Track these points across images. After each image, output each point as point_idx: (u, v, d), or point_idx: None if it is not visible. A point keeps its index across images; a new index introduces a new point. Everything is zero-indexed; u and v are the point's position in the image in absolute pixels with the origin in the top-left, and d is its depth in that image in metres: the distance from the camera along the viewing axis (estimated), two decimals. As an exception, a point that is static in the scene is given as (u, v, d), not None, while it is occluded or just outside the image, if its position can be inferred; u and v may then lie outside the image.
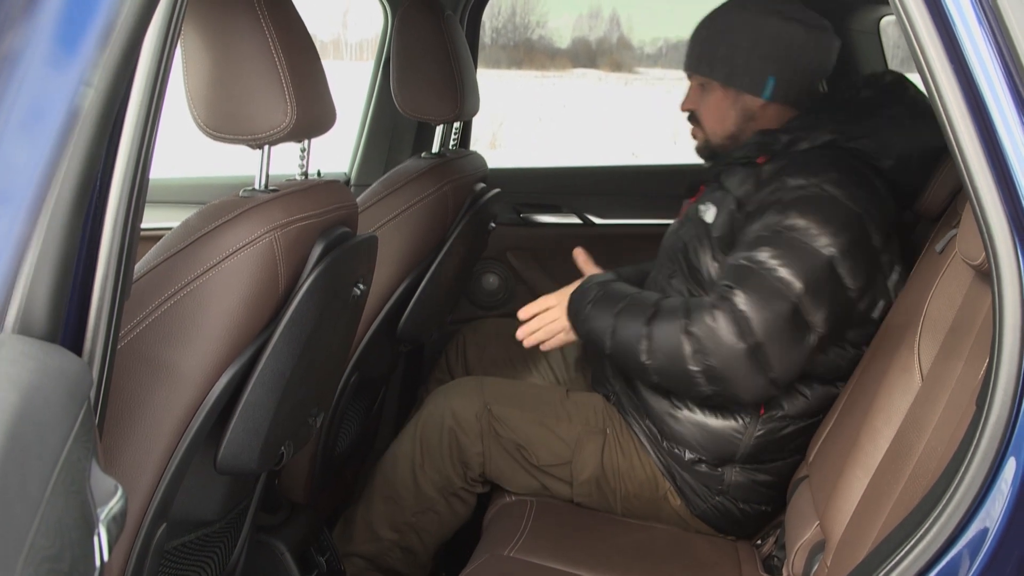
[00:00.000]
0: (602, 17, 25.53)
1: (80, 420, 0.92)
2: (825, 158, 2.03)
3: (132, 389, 1.41)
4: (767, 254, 1.91)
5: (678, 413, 2.11)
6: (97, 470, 0.92)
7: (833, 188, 1.96)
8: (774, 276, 1.89)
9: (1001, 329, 1.17)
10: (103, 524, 0.86)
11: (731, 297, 1.89)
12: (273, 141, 1.54)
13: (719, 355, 1.89)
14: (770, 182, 2.02)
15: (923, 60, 1.19)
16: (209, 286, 1.45)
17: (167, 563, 1.62)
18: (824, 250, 1.91)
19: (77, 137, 1.06)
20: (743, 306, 1.88)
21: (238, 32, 1.49)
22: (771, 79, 2.16)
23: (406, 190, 2.24)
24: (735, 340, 1.87)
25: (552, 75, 22.40)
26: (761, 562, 2.08)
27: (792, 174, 2.00)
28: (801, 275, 1.89)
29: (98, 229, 1.18)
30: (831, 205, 1.95)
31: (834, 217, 1.93)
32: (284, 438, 1.65)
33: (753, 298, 1.88)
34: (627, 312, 2.02)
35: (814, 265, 1.90)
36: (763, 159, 2.09)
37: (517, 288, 3.13)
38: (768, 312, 1.88)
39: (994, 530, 1.18)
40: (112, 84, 1.07)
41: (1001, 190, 1.16)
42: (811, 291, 1.89)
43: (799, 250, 1.91)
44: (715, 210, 2.11)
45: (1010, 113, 1.16)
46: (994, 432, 1.17)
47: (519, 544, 2.00)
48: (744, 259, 1.94)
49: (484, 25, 3.00)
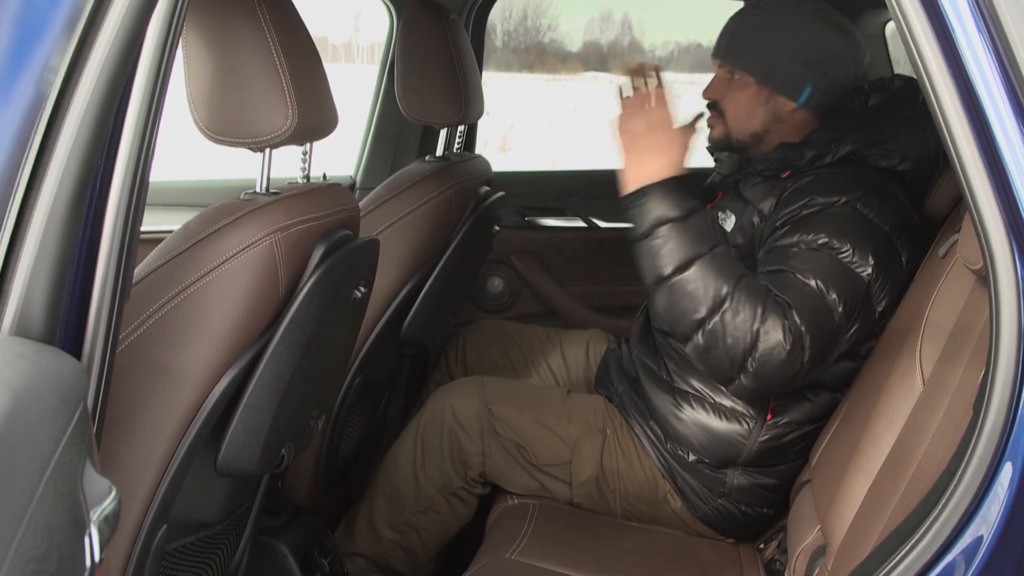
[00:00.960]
0: (613, 20, 25.51)
1: (74, 422, 0.93)
2: (850, 175, 2.00)
3: (132, 391, 1.42)
4: (813, 273, 1.87)
5: (682, 414, 2.11)
6: (91, 471, 0.93)
7: (863, 207, 1.94)
8: (823, 297, 1.86)
9: (997, 334, 1.17)
10: (95, 525, 0.87)
11: (795, 318, 1.82)
12: (274, 144, 1.54)
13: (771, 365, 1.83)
14: (796, 198, 1.98)
15: (921, 66, 1.19)
16: (209, 289, 1.45)
17: (168, 564, 1.63)
18: (863, 273, 1.89)
19: (72, 138, 1.06)
20: (804, 328, 1.82)
21: (240, 35, 1.49)
22: (809, 86, 2.11)
23: (410, 193, 2.25)
24: (794, 363, 1.83)
25: (563, 78, 22.40)
26: (763, 566, 2.08)
27: (821, 192, 1.96)
28: (843, 297, 1.87)
29: (98, 231, 1.18)
30: (865, 226, 1.93)
31: (869, 239, 1.91)
32: (285, 440, 1.65)
33: (810, 321, 1.83)
34: (720, 257, 1.85)
35: (855, 288, 1.89)
36: (786, 174, 2.07)
37: (522, 291, 3.13)
38: (820, 335, 1.84)
39: (991, 534, 1.17)
40: (108, 85, 1.07)
41: (999, 196, 1.16)
42: (848, 312, 1.88)
43: (841, 272, 1.88)
44: (734, 219, 2.10)
45: (1008, 119, 1.16)
46: (990, 437, 1.17)
47: (521, 547, 2.00)
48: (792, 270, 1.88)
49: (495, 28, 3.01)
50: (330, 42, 23.66)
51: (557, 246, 3.13)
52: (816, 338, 1.83)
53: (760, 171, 2.11)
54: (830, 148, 2.04)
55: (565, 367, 2.64)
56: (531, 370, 2.65)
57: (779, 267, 1.91)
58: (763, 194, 2.07)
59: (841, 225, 1.91)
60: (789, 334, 1.80)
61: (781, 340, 1.80)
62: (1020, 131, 1.15)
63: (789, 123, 2.15)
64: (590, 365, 2.61)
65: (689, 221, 1.85)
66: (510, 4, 21.35)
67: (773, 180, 2.08)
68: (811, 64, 2.09)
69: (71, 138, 1.08)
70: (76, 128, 1.08)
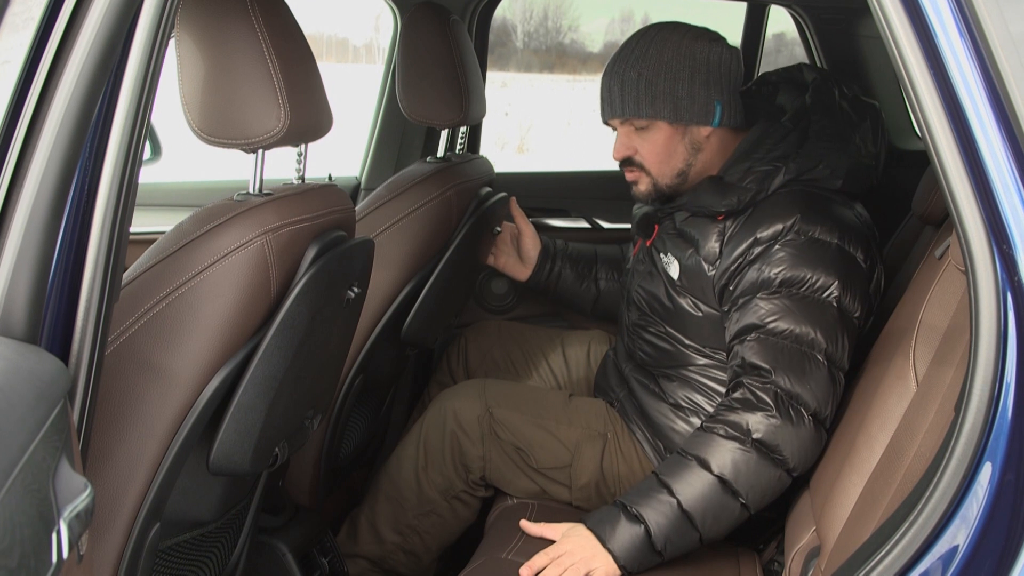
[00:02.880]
0: (634, 21, 25.45)
1: (51, 420, 0.94)
2: (784, 200, 1.99)
3: (124, 390, 1.44)
4: (778, 319, 1.89)
5: (678, 427, 2.12)
6: (67, 468, 0.94)
7: (806, 227, 1.94)
8: (800, 342, 1.88)
9: (977, 335, 1.17)
10: (64, 521, 0.88)
11: (775, 382, 1.85)
12: (267, 145, 1.56)
13: (787, 439, 1.84)
14: (740, 239, 1.98)
15: (903, 69, 1.19)
16: (200, 289, 1.47)
17: (163, 562, 1.64)
18: (830, 299, 1.90)
19: (52, 138, 1.08)
20: (787, 385, 1.85)
21: (232, 37, 1.51)
22: (717, 104, 2.08)
23: (410, 194, 2.26)
24: (797, 421, 1.85)
25: (584, 79, 22.38)
26: (761, 567, 2.08)
27: (762, 225, 1.96)
28: (821, 331, 1.88)
29: (85, 232, 1.20)
30: (814, 248, 1.93)
31: (821, 259, 1.91)
32: (278, 440, 1.67)
33: (793, 375, 1.86)
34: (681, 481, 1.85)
35: (826, 316, 1.90)
36: (721, 216, 2.05)
37: (525, 292, 3.14)
38: (812, 382, 1.86)
39: (970, 534, 1.17)
40: (88, 88, 1.09)
41: (979, 197, 1.16)
42: (831, 341, 1.89)
43: (809, 306, 1.90)
44: (677, 265, 2.10)
45: (988, 121, 1.16)
46: (969, 437, 1.17)
47: (517, 547, 2.00)
48: (761, 332, 1.91)
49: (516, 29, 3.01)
50: (351, 43, 23.75)
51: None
52: (808, 386, 1.86)
53: (694, 211, 2.09)
54: (764, 185, 2.01)
55: (566, 368, 2.64)
56: (532, 371, 2.65)
57: (747, 325, 1.93)
58: (703, 234, 2.06)
59: (792, 257, 1.92)
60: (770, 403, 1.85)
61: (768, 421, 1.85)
62: (1000, 134, 1.15)
63: (709, 148, 2.13)
64: (591, 366, 2.61)
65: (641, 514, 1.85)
66: (531, 5, 21.38)
67: (709, 221, 2.06)
68: (710, 83, 2.07)
69: (51, 138, 1.10)
70: (56, 129, 1.10)
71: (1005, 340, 1.16)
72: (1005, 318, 1.16)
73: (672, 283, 2.10)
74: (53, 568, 0.86)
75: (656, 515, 1.84)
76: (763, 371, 1.88)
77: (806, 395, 1.86)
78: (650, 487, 1.87)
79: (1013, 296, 1.15)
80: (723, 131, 2.12)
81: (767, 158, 2.04)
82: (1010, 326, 1.16)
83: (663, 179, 2.14)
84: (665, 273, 2.12)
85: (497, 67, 20.63)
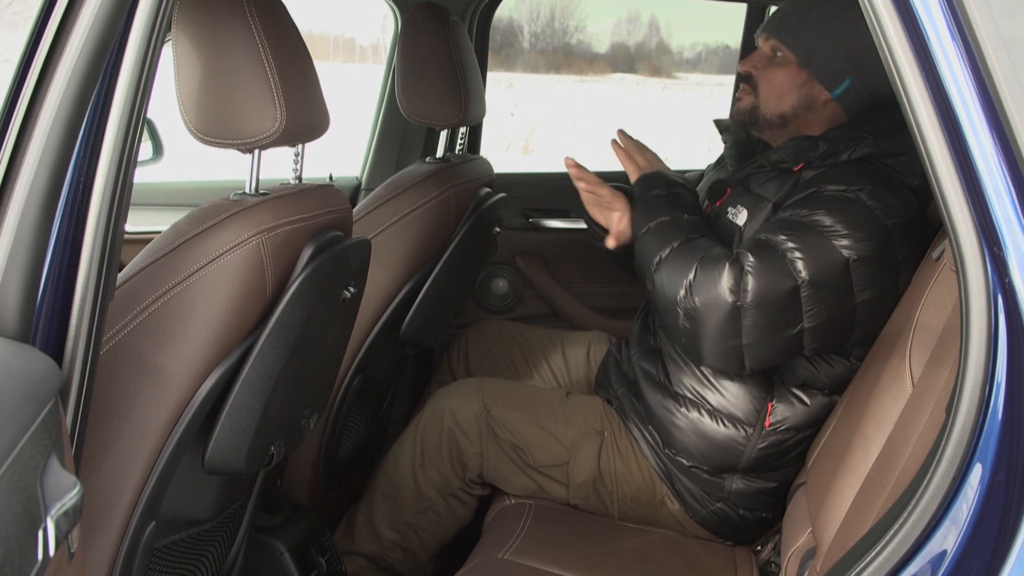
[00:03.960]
0: (641, 22, 25.50)
1: (41, 419, 0.94)
2: (862, 170, 1.99)
3: (120, 389, 1.44)
4: (785, 237, 1.89)
5: (679, 421, 2.11)
6: (56, 467, 0.95)
7: (868, 198, 1.92)
8: (786, 257, 1.86)
9: (967, 336, 1.17)
10: (52, 519, 0.88)
11: (741, 258, 1.88)
12: (263, 145, 1.56)
13: (705, 297, 1.88)
14: (807, 186, 1.98)
15: (894, 67, 1.20)
16: (196, 289, 1.47)
17: (159, 561, 1.65)
18: (843, 251, 1.87)
19: (43, 138, 1.08)
20: (748, 267, 1.86)
21: (228, 38, 1.51)
22: (847, 80, 2.08)
23: (409, 194, 2.26)
24: (726, 292, 1.86)
25: (590, 80, 22.41)
26: (758, 568, 2.08)
27: (831, 181, 1.96)
28: (812, 266, 1.86)
29: (80, 231, 1.21)
30: (863, 212, 1.91)
31: (863, 224, 1.90)
32: (273, 439, 1.67)
33: (759, 266, 1.86)
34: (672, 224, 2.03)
35: (828, 262, 1.87)
36: (799, 167, 2.05)
37: (526, 292, 3.14)
38: (766, 282, 1.85)
39: (960, 536, 1.17)
40: (80, 87, 1.09)
41: (970, 198, 1.16)
42: (815, 285, 1.86)
43: (818, 244, 1.87)
44: (747, 213, 2.08)
45: (979, 122, 1.16)
46: (959, 439, 1.17)
47: (514, 547, 2.01)
48: (764, 235, 1.92)
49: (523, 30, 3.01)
50: (358, 43, 23.78)
51: (561, 247, 3.14)
52: (762, 286, 1.85)
53: (774, 163, 2.08)
54: (847, 146, 2.01)
55: (566, 368, 2.65)
56: (533, 371, 2.65)
57: (763, 232, 1.94)
58: (775, 189, 2.05)
59: (839, 206, 1.91)
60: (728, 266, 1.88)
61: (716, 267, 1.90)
62: (991, 135, 1.15)
63: (818, 113, 2.13)
64: (590, 366, 2.62)
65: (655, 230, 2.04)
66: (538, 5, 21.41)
67: (785, 174, 2.06)
68: (853, 58, 2.06)
69: (43, 137, 1.10)
70: (48, 128, 1.11)
71: (996, 342, 1.16)
72: (996, 320, 1.16)
73: (739, 232, 2.08)
74: (39, 565, 0.86)
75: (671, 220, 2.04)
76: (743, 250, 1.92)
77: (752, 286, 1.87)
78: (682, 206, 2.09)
79: (1004, 298, 1.15)
80: (838, 108, 2.12)
81: (859, 127, 2.05)
82: (1000, 328, 1.16)
83: (765, 109, 2.15)
84: (730, 225, 2.11)
85: (503, 67, 20.66)
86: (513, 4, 18.03)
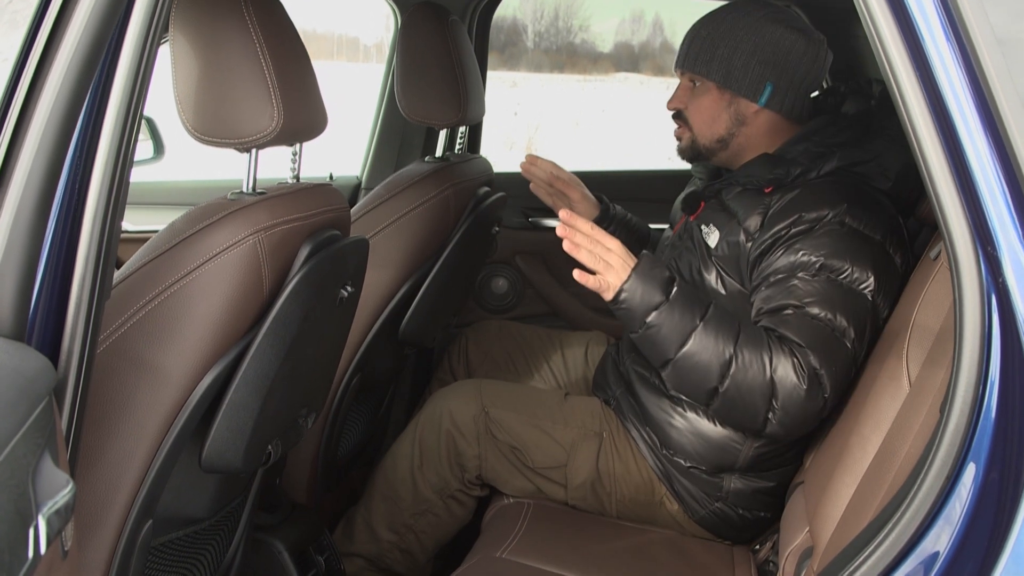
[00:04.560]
0: (645, 21, 25.48)
1: (34, 417, 0.95)
2: (835, 186, 2.01)
3: (116, 388, 1.45)
4: (819, 305, 1.90)
5: (676, 422, 2.11)
6: (49, 465, 0.95)
7: (852, 220, 1.95)
8: (832, 328, 1.89)
9: (961, 335, 1.18)
10: (43, 517, 0.88)
11: (807, 357, 1.86)
12: (260, 145, 1.56)
13: (794, 408, 1.87)
14: (784, 215, 1.99)
15: (888, 68, 1.20)
16: (193, 287, 1.48)
17: (157, 559, 1.65)
18: (866, 290, 1.91)
19: (37, 138, 1.09)
20: (818, 365, 1.86)
21: (226, 37, 1.51)
22: (768, 86, 2.11)
23: (408, 193, 2.26)
24: (815, 399, 1.87)
25: (594, 79, 22.40)
26: (756, 568, 2.08)
27: (808, 206, 1.97)
28: (852, 321, 1.89)
29: (76, 231, 1.21)
30: (857, 240, 1.94)
31: (865, 253, 1.93)
32: (271, 438, 1.67)
33: (823, 356, 1.86)
34: (714, 321, 1.91)
35: (861, 308, 1.91)
36: (769, 188, 2.07)
37: (526, 292, 3.14)
38: (836, 366, 1.87)
39: (954, 535, 1.17)
40: (74, 87, 1.10)
41: (964, 198, 1.17)
42: (859, 332, 1.90)
43: (844, 295, 1.91)
44: (717, 235, 2.10)
45: (973, 122, 1.16)
46: (953, 438, 1.18)
47: (512, 546, 2.01)
48: (795, 308, 1.91)
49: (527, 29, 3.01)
50: (362, 43, 23.78)
51: (561, 247, 3.13)
52: (832, 370, 1.86)
53: (743, 183, 2.11)
54: (815, 164, 2.04)
55: (565, 368, 2.65)
56: (532, 371, 2.66)
57: (782, 303, 1.93)
58: (747, 208, 2.06)
59: (835, 244, 1.93)
60: (803, 373, 1.85)
61: (796, 382, 1.85)
62: (985, 135, 1.16)
63: (753, 125, 2.16)
64: (589, 367, 2.62)
65: (672, 299, 1.91)
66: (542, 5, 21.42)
67: (756, 192, 2.08)
68: (768, 63, 2.10)
69: (37, 137, 1.11)
70: (42, 127, 1.11)
71: (990, 341, 1.16)
72: (990, 319, 1.16)
73: (707, 253, 2.11)
74: (29, 563, 0.87)
75: (675, 315, 1.91)
76: (798, 344, 1.88)
77: (829, 378, 1.87)
78: (695, 303, 1.93)
79: (998, 297, 1.16)
80: (775, 115, 2.16)
81: (824, 143, 2.09)
82: (994, 327, 1.16)
83: (702, 139, 2.19)
84: (703, 244, 2.13)
85: (507, 67, 20.67)
86: (517, 3, 18.04)
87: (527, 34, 22.61)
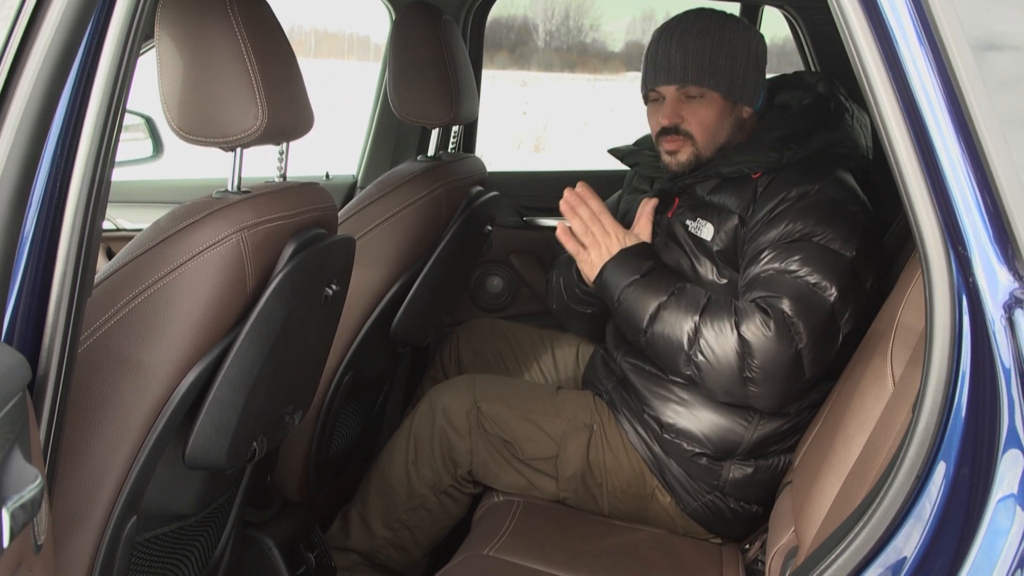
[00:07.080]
0: (655, 20, 25.42)
1: (4, 413, 0.96)
2: (817, 165, 2.10)
3: (100, 384, 1.46)
4: (797, 263, 1.97)
5: (680, 406, 2.13)
6: (18, 459, 0.96)
7: (834, 191, 2.05)
8: (810, 282, 1.95)
9: (931, 335, 1.18)
10: (7, 511, 0.89)
11: (778, 304, 1.93)
12: (244, 144, 1.57)
13: (767, 358, 1.92)
14: (771, 195, 2.07)
15: (861, 68, 1.20)
16: (176, 285, 1.49)
17: (143, 555, 1.66)
18: (845, 252, 1.98)
19: (11, 137, 1.10)
20: (790, 311, 1.92)
21: (211, 36, 1.52)
22: (761, 90, 2.21)
23: (399, 192, 2.27)
24: (786, 346, 1.92)
25: (604, 78, 22.38)
26: (745, 567, 2.08)
27: (793, 183, 2.06)
28: (833, 279, 1.96)
29: (56, 230, 1.22)
30: (839, 208, 2.03)
31: (844, 220, 2.01)
32: (255, 435, 1.68)
33: (797, 305, 1.93)
34: (680, 295, 2.03)
35: (840, 267, 1.97)
36: (758, 174, 2.12)
37: (520, 291, 3.15)
38: (812, 317, 1.93)
39: (923, 534, 1.17)
40: (46, 88, 1.11)
41: (935, 199, 1.17)
42: (842, 293, 1.96)
43: (824, 255, 1.97)
44: (711, 227, 2.13)
45: (944, 123, 1.16)
46: (923, 437, 1.18)
47: (499, 543, 2.02)
48: (775, 270, 1.98)
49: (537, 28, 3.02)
50: (373, 41, 23.82)
51: (555, 246, 3.14)
52: (808, 319, 1.92)
53: (729, 174, 2.14)
54: (799, 146, 2.11)
55: (555, 368, 2.66)
56: (523, 369, 2.67)
57: (764, 269, 1.99)
58: (738, 195, 2.12)
59: (818, 213, 2.01)
60: (770, 318, 1.92)
61: (763, 329, 1.91)
62: (956, 136, 1.16)
63: (743, 128, 2.23)
64: (579, 367, 2.63)
65: (647, 278, 2.06)
66: (552, 4, 21.39)
67: (743, 182, 2.12)
68: (758, 68, 2.19)
69: (11, 135, 1.12)
70: (16, 126, 1.12)
71: (960, 341, 1.16)
72: (960, 319, 1.16)
73: (698, 247, 2.15)
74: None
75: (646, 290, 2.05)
76: (772, 296, 1.95)
77: (804, 326, 1.92)
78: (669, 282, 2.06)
79: (968, 297, 1.16)
80: (754, 114, 2.24)
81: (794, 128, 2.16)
82: (964, 327, 1.16)
83: (706, 150, 2.19)
84: (691, 240, 2.16)
85: (517, 66, 20.66)
86: (528, 3, 18.02)
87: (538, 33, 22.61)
